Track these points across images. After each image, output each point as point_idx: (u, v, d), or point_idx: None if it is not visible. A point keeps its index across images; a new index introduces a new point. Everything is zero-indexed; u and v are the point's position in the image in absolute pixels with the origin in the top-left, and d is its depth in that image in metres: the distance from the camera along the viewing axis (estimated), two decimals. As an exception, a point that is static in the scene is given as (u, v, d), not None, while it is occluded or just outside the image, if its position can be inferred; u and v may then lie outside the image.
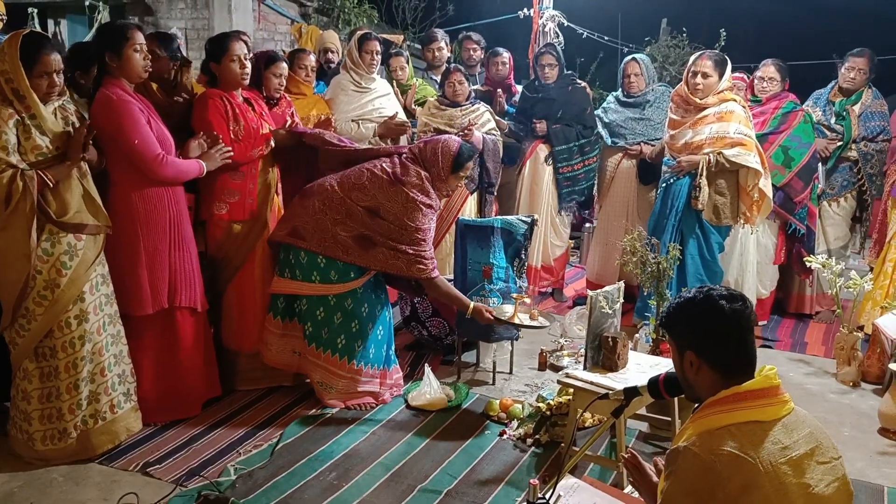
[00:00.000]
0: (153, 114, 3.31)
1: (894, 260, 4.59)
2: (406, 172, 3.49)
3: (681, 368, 1.81)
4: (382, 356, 3.72)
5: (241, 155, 3.58)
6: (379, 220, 3.47)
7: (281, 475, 3.00)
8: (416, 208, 3.45)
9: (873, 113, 5.10)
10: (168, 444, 3.26)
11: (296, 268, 3.55)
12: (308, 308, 3.58)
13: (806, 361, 4.55)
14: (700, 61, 4.31)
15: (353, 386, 3.62)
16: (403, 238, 3.45)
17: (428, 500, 2.87)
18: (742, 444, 1.60)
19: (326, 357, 3.58)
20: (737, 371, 1.72)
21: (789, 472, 1.60)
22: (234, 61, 3.56)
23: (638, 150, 5.11)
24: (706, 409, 1.72)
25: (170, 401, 3.45)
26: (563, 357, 4.33)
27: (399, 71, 5.27)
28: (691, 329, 1.77)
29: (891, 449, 3.40)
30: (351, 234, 3.48)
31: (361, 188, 3.49)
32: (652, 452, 3.32)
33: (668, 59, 9.53)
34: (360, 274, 3.56)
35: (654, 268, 3.76)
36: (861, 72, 5.08)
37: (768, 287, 5.21)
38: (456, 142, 3.60)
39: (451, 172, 3.55)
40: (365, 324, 3.61)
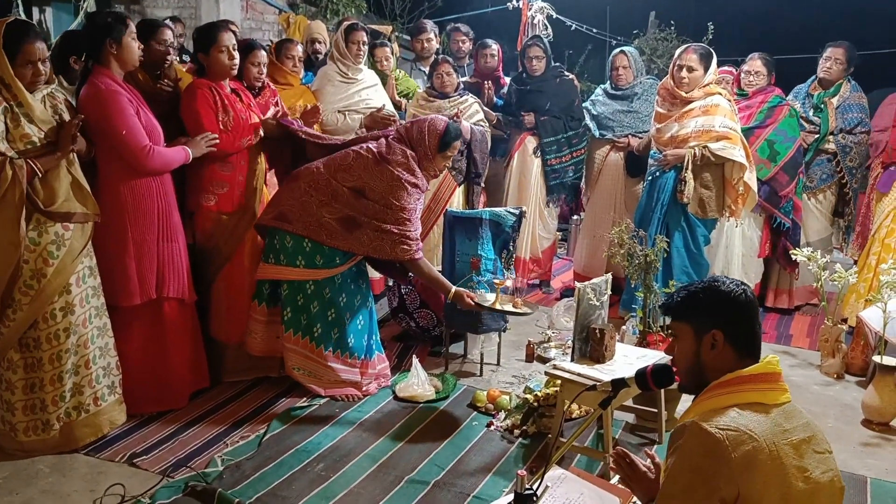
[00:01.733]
0: (142, 104, 3.29)
1: (878, 253, 4.63)
2: (391, 151, 3.47)
3: (695, 351, 1.82)
4: (363, 346, 3.72)
5: (230, 145, 3.56)
6: (364, 200, 3.45)
7: (268, 466, 3.00)
8: (402, 187, 3.43)
9: (851, 105, 5.12)
10: (155, 435, 3.25)
11: (281, 252, 3.54)
12: (288, 293, 3.58)
13: (791, 353, 4.58)
14: (685, 55, 4.32)
15: (332, 374, 3.63)
16: (388, 217, 3.43)
17: (415, 491, 2.87)
18: (747, 421, 1.64)
19: (304, 343, 3.59)
20: (753, 352, 1.79)
21: (790, 454, 1.64)
22: (223, 52, 3.54)
23: (626, 142, 5.13)
24: (711, 391, 1.76)
25: (157, 391, 3.44)
26: (550, 349, 4.34)
27: (384, 62, 5.25)
28: (721, 310, 1.81)
29: (873, 440, 3.44)
30: (336, 217, 3.46)
31: (347, 168, 3.48)
32: (638, 443, 3.34)
33: (656, 52, 9.53)
34: (346, 259, 3.56)
35: (642, 260, 3.77)
36: (838, 62, 5.10)
37: (753, 279, 5.24)
38: (442, 121, 3.58)
39: (437, 151, 3.53)
40: (342, 313, 3.60)
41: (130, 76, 3.44)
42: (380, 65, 5.23)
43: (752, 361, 1.77)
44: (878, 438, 3.46)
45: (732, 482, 1.59)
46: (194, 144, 3.42)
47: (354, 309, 3.66)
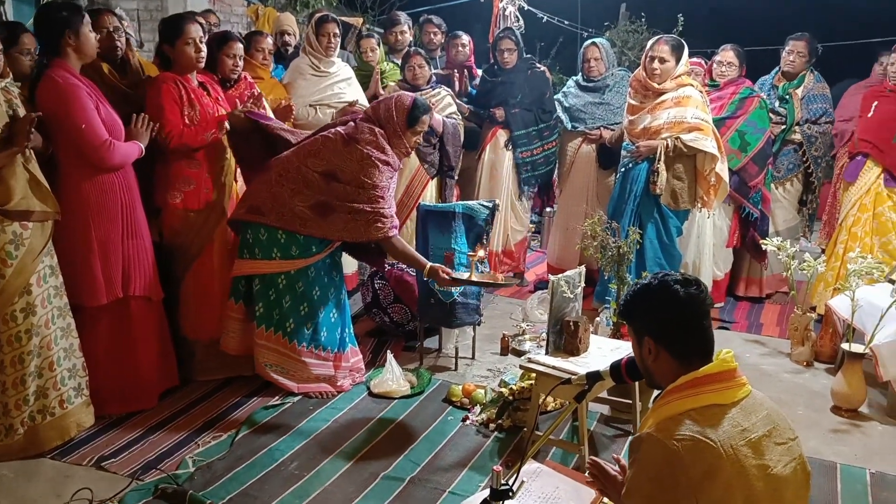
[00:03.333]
0: (101, 98, 3.21)
1: (845, 242, 4.69)
2: (359, 131, 3.42)
3: (640, 355, 1.81)
4: (336, 339, 3.68)
5: (194, 139, 3.49)
6: (336, 183, 3.39)
7: (241, 466, 2.96)
8: (373, 164, 3.38)
9: (815, 96, 5.20)
10: (123, 437, 3.18)
11: (255, 246, 3.48)
12: (261, 288, 3.53)
13: (761, 342, 4.63)
14: (657, 46, 4.32)
15: (305, 370, 3.59)
16: (361, 197, 3.38)
17: (391, 487, 2.85)
18: (703, 428, 1.61)
19: (276, 339, 3.54)
20: (694, 356, 1.73)
21: (749, 454, 1.62)
22: (189, 44, 3.46)
23: (598, 134, 5.13)
24: (666, 397, 1.73)
25: (125, 392, 3.38)
26: (525, 341, 4.34)
27: (370, 52, 5.20)
28: (648, 316, 1.77)
29: (843, 426, 3.49)
30: (308, 204, 3.41)
31: (316, 154, 3.43)
32: (613, 435, 3.35)
33: (627, 45, 9.57)
34: (322, 248, 3.52)
35: (615, 252, 3.78)
36: (800, 55, 5.18)
37: (723, 269, 5.29)
38: (409, 96, 3.54)
39: (407, 127, 3.48)
40: (316, 307, 3.57)
41: (94, 69, 3.36)
42: (365, 56, 5.18)
43: (701, 363, 1.72)
44: (847, 425, 3.50)
45: (691, 494, 1.58)
46: (136, 135, 3.31)
47: (328, 302, 3.63)
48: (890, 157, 4.53)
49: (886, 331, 3.50)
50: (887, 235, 4.55)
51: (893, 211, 4.56)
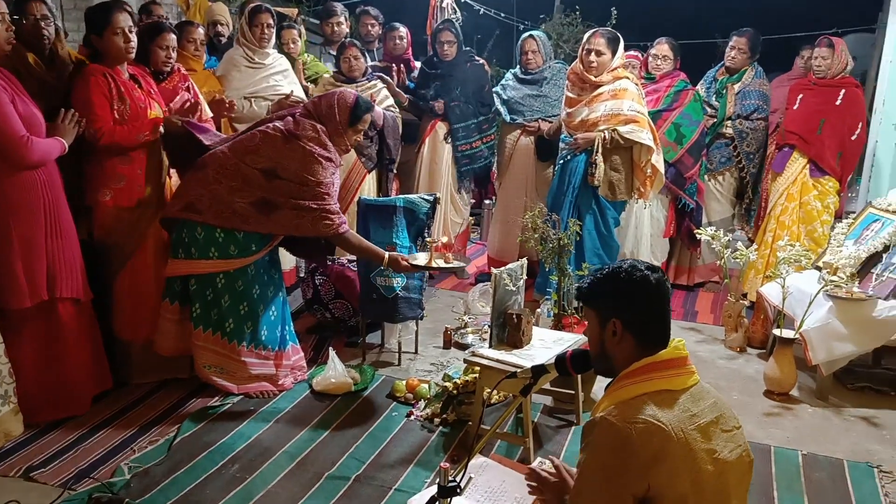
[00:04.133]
0: (19, 91, 3.04)
1: (774, 230, 4.85)
2: (300, 127, 3.35)
3: (601, 338, 1.83)
4: (277, 337, 3.62)
5: (127, 138, 3.36)
6: (278, 180, 3.31)
7: (180, 471, 2.87)
8: (315, 161, 3.31)
9: (751, 91, 5.30)
10: (54, 445, 3.05)
11: (191, 245, 3.38)
12: (197, 289, 3.43)
13: (697, 329, 4.75)
14: (594, 39, 4.37)
15: (245, 369, 3.52)
16: (306, 194, 3.31)
17: (336, 487, 2.81)
18: (655, 411, 1.65)
19: (215, 340, 3.46)
20: (656, 340, 1.77)
21: (698, 438, 1.66)
22: (118, 34, 3.32)
23: (536, 126, 5.16)
24: (621, 381, 1.76)
25: (55, 398, 3.24)
26: (467, 334, 4.34)
27: (291, 44, 5.10)
28: (618, 297, 1.80)
29: (775, 410, 3.60)
30: (249, 201, 3.32)
31: (255, 151, 3.33)
32: (556, 426, 3.38)
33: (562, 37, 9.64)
34: (262, 246, 3.44)
35: (556, 244, 3.81)
36: (741, 51, 5.28)
37: (660, 258, 5.41)
38: (352, 94, 3.49)
39: (349, 125, 3.43)
40: (256, 305, 3.49)
41: (20, 60, 3.19)
42: (286, 47, 5.07)
43: (658, 348, 1.76)
44: (779, 408, 3.62)
45: (642, 476, 1.61)
46: (61, 130, 3.16)
47: (268, 300, 3.55)
48: (814, 149, 4.71)
49: (815, 316, 3.63)
50: (812, 223, 4.73)
51: (818, 200, 4.74)
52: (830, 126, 4.67)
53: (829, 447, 3.24)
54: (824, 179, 4.72)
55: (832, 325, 3.57)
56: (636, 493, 1.63)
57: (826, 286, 3.62)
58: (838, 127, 4.67)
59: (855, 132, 4.69)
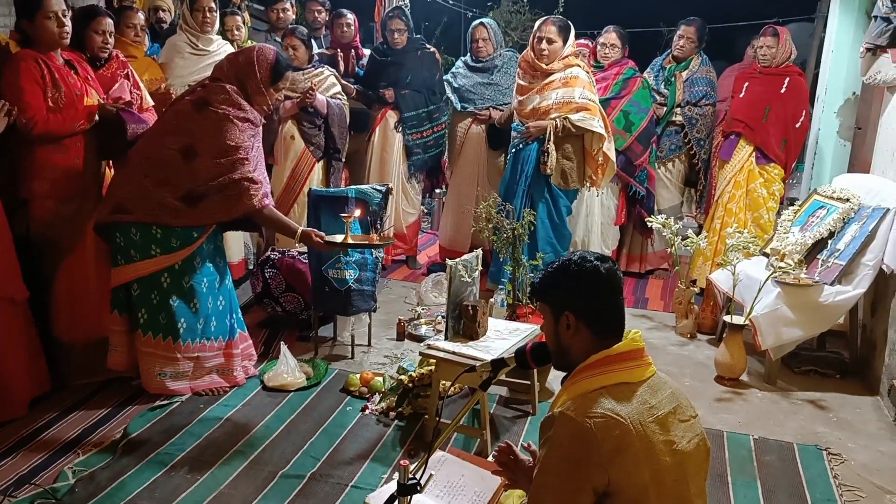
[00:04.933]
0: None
1: (721, 217, 4.93)
2: (210, 92, 3.21)
3: (555, 332, 1.80)
4: (226, 327, 3.52)
5: (62, 126, 3.21)
6: (197, 159, 3.17)
7: (127, 474, 2.76)
8: (230, 122, 3.18)
9: (699, 79, 5.38)
10: (-9, 451, 2.91)
11: (130, 248, 3.24)
12: (141, 293, 3.28)
13: (648, 316, 4.80)
14: (545, 27, 4.35)
15: (198, 366, 3.42)
16: (224, 167, 3.17)
17: (291, 486, 2.74)
18: (614, 404, 1.64)
19: (166, 345, 3.32)
20: (611, 331, 1.76)
21: (657, 430, 1.66)
22: (51, 18, 3.16)
23: (487, 115, 5.13)
24: (579, 374, 1.74)
25: (-10, 402, 3.09)
26: (420, 325, 4.31)
27: (235, 31, 4.95)
28: (570, 290, 1.77)
29: (726, 395, 3.66)
30: (177, 195, 3.19)
31: (172, 130, 3.20)
32: (513, 416, 3.37)
33: (510, 25, 9.62)
34: (202, 231, 3.32)
35: (510, 234, 3.79)
36: (689, 40, 5.34)
37: (611, 246, 5.45)
38: (272, 49, 3.36)
39: (270, 84, 3.31)
40: (204, 300, 3.38)
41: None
42: (230, 34, 4.92)
43: (614, 338, 1.75)
44: (730, 393, 3.68)
45: (602, 469, 1.60)
46: None
47: (216, 291, 3.45)
48: (760, 136, 4.79)
49: (764, 302, 3.69)
50: (759, 210, 4.83)
51: (764, 187, 4.84)
52: (775, 114, 4.76)
53: (779, 430, 3.30)
54: (770, 167, 4.82)
55: (780, 311, 3.64)
56: (597, 487, 1.62)
57: (774, 272, 3.69)
58: (783, 115, 4.76)
59: (799, 120, 4.79)
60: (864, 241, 3.64)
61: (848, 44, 4.91)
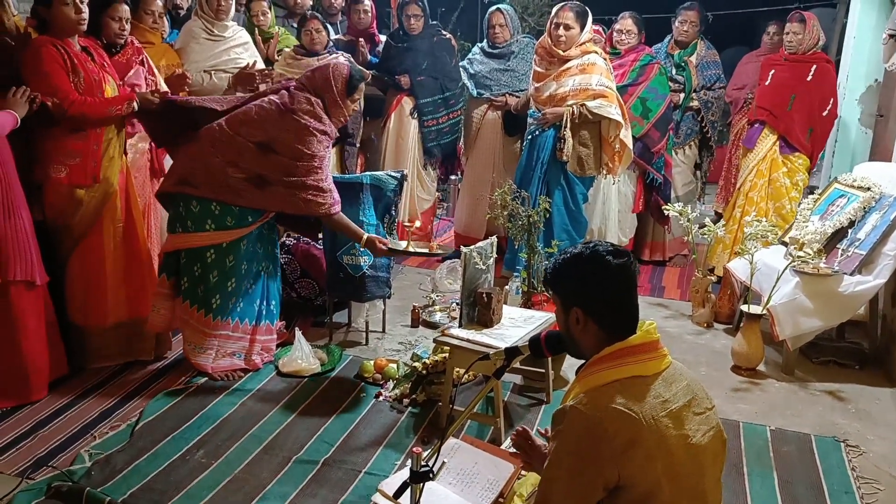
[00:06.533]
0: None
1: (742, 206, 4.86)
2: (295, 101, 3.33)
3: (566, 325, 1.78)
4: (254, 311, 3.55)
5: (97, 108, 3.24)
6: (273, 154, 3.29)
7: (142, 458, 2.78)
8: (310, 133, 3.30)
9: (708, 63, 5.40)
10: (10, 433, 2.95)
11: (188, 219, 3.32)
12: (186, 262, 3.37)
13: (664, 305, 4.77)
14: (562, 13, 4.30)
15: (224, 345, 3.46)
16: (299, 170, 3.29)
17: (304, 471, 2.76)
18: (626, 399, 1.61)
19: (199, 316, 3.38)
20: (621, 326, 1.72)
21: (670, 425, 1.63)
22: (68, 5, 3.16)
23: (503, 101, 5.10)
24: (592, 367, 1.72)
25: (9, 385, 3.13)
26: (435, 312, 4.30)
27: (261, 16, 4.94)
28: (578, 285, 1.74)
29: (743, 385, 3.63)
30: (244, 176, 3.29)
31: (250, 123, 3.30)
32: (527, 404, 3.37)
33: (527, 10, 9.53)
34: (258, 216, 3.40)
35: (525, 221, 3.77)
36: (692, 24, 5.36)
37: (628, 234, 5.40)
38: (345, 65, 3.51)
39: (346, 96, 3.43)
40: (241, 280, 3.43)
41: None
42: (256, 19, 4.92)
43: (626, 334, 1.71)
44: (747, 383, 3.65)
45: (613, 464, 1.58)
46: (14, 104, 3.02)
47: (252, 275, 3.49)
48: (784, 124, 4.71)
49: (782, 292, 3.65)
50: (781, 200, 4.75)
51: (788, 177, 4.75)
52: (801, 102, 4.66)
53: (797, 421, 3.27)
54: (794, 156, 4.73)
55: (799, 301, 3.60)
56: (607, 482, 1.61)
57: (793, 262, 3.64)
58: (809, 103, 4.66)
59: (826, 108, 4.69)
60: (886, 231, 3.59)
61: (870, 30, 4.83)
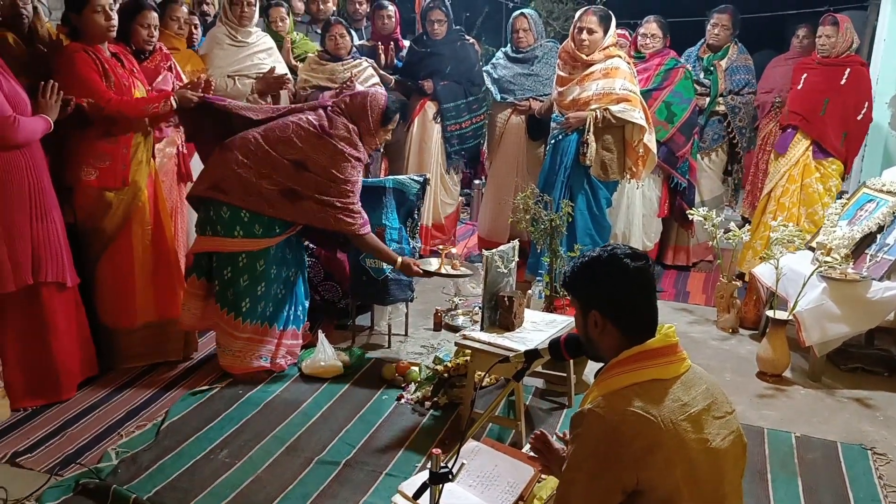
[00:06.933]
0: (5, 71, 2.97)
1: (773, 211, 4.78)
2: (334, 126, 3.41)
3: (584, 328, 1.78)
4: (283, 316, 3.59)
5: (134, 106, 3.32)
6: (306, 172, 3.36)
7: (167, 457, 2.83)
8: (345, 159, 3.38)
9: (738, 67, 5.31)
10: (40, 431, 3.01)
11: (217, 224, 3.38)
12: (218, 266, 3.43)
13: (689, 310, 4.73)
14: (585, 17, 4.30)
15: (251, 348, 3.49)
16: (331, 191, 3.36)
17: (326, 472, 2.78)
18: (645, 403, 1.60)
19: (228, 319, 3.44)
20: (640, 330, 1.71)
21: (689, 429, 1.62)
22: (98, 12, 3.23)
23: (527, 105, 5.11)
24: (610, 370, 1.71)
25: (40, 384, 3.20)
26: (458, 316, 4.31)
27: (279, 22, 5.00)
28: (596, 288, 1.74)
29: (768, 391, 3.59)
30: (277, 188, 3.36)
31: (287, 141, 3.36)
32: (549, 408, 3.36)
33: (551, 15, 9.52)
34: (286, 228, 3.46)
35: (547, 225, 3.77)
36: (724, 27, 5.28)
37: (653, 239, 5.37)
38: (383, 95, 3.57)
39: (381, 126, 3.52)
40: (270, 285, 3.49)
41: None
42: (274, 26, 4.98)
43: (645, 337, 1.70)
44: (772, 389, 3.61)
45: (632, 468, 1.58)
46: (46, 108, 3.07)
47: (281, 280, 3.54)
48: (817, 129, 4.63)
49: (809, 297, 3.60)
50: (814, 206, 4.67)
51: (821, 182, 4.66)
52: (834, 106, 4.56)
53: (823, 428, 3.23)
54: (827, 161, 4.64)
55: (826, 307, 3.55)
56: (626, 486, 1.60)
57: (820, 267, 3.60)
58: (842, 107, 4.57)
59: (861, 112, 4.58)
60: (915, 236, 3.53)
61: (902, 32, 4.75)
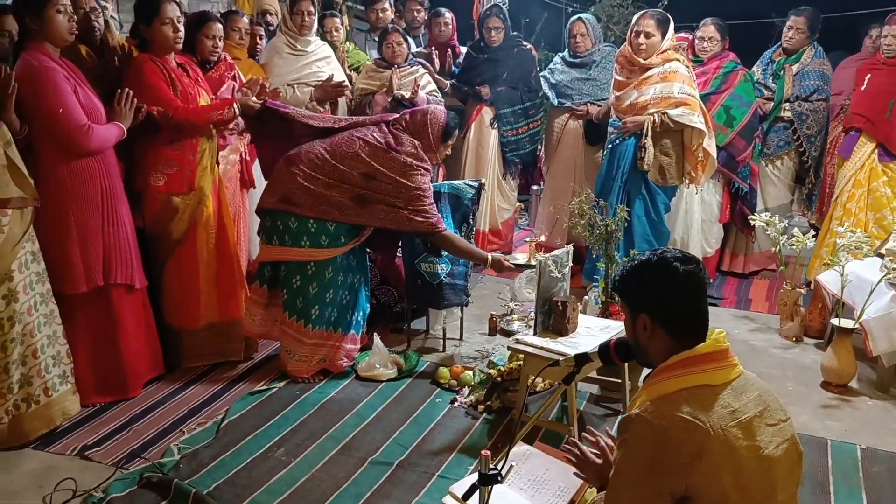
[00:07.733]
0: (81, 81, 3.12)
1: (840, 218, 4.62)
2: (400, 143, 3.52)
3: (633, 332, 1.78)
4: (346, 321, 3.67)
5: (199, 114, 3.44)
6: (375, 182, 3.47)
7: (227, 453, 2.92)
8: (413, 169, 3.49)
9: (810, 72, 5.04)
10: (107, 426, 3.14)
11: (284, 234, 3.48)
12: (287, 274, 3.53)
13: (750, 318, 4.62)
14: (643, 21, 4.26)
15: (316, 352, 3.58)
16: (402, 196, 3.47)
17: (379, 472, 2.82)
18: (693, 408, 1.59)
19: (298, 327, 3.53)
20: (690, 334, 1.70)
21: (739, 435, 1.59)
22: (167, 24, 3.37)
23: (584, 110, 5.08)
24: (659, 375, 1.70)
25: (109, 381, 3.33)
26: (513, 321, 4.31)
27: (333, 32, 5.11)
28: (645, 292, 1.74)
29: (833, 402, 3.48)
30: (347, 196, 3.46)
31: (355, 157, 3.46)
32: (603, 414, 3.34)
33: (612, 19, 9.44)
34: (351, 238, 3.54)
35: (603, 230, 3.74)
36: (799, 31, 5.04)
37: (713, 245, 5.26)
38: (443, 112, 3.67)
39: (441, 142, 3.61)
40: (338, 292, 3.58)
41: (72, 52, 3.26)
42: (329, 35, 5.08)
43: (695, 341, 1.68)
44: (837, 400, 3.50)
45: (680, 474, 1.56)
46: (120, 115, 3.21)
47: (346, 286, 3.63)
48: (882, 132, 4.46)
49: (876, 305, 3.48)
50: (882, 211, 4.50)
51: (888, 186, 4.48)
52: (900, 107, 4.42)
53: (890, 441, 3.11)
54: (894, 164, 4.48)
55: (894, 315, 3.42)
56: (674, 492, 1.58)
57: (888, 274, 3.47)
58: (910, 108, 4.42)
59: (930, 113, 4.42)
60: None
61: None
